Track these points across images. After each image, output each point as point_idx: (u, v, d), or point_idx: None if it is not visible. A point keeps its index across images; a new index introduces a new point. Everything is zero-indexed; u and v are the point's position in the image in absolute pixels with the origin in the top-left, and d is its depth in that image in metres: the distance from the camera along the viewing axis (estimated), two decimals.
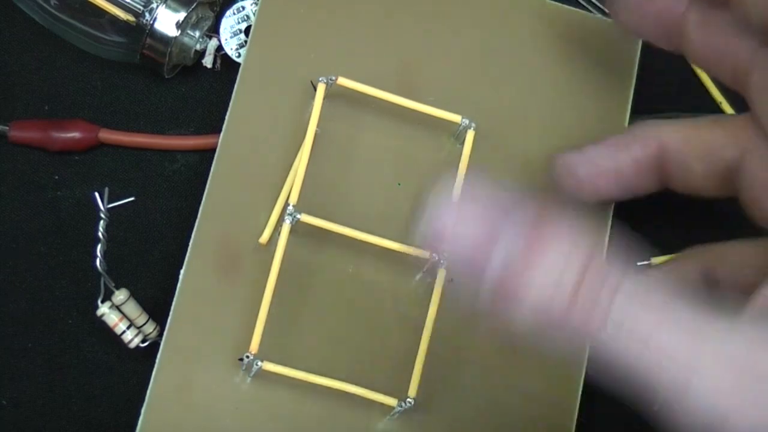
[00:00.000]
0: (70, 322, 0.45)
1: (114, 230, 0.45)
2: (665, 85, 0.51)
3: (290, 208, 0.42)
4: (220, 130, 0.44)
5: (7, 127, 0.47)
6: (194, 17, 0.46)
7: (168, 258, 0.46)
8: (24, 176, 0.47)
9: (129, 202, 0.45)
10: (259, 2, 0.46)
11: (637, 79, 0.47)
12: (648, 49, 0.48)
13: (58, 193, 0.47)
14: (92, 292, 0.44)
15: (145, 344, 0.44)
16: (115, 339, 0.43)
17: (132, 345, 0.43)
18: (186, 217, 0.45)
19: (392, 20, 0.47)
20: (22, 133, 0.47)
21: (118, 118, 0.48)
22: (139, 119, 0.48)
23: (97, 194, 0.42)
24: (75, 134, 0.47)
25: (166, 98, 0.48)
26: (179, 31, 0.46)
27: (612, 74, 0.47)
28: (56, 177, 0.47)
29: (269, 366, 0.41)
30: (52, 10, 0.46)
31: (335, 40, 0.46)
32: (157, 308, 0.44)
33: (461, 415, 0.43)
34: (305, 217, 0.42)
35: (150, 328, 0.44)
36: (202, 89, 0.49)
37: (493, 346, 0.44)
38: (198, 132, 0.48)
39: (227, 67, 0.48)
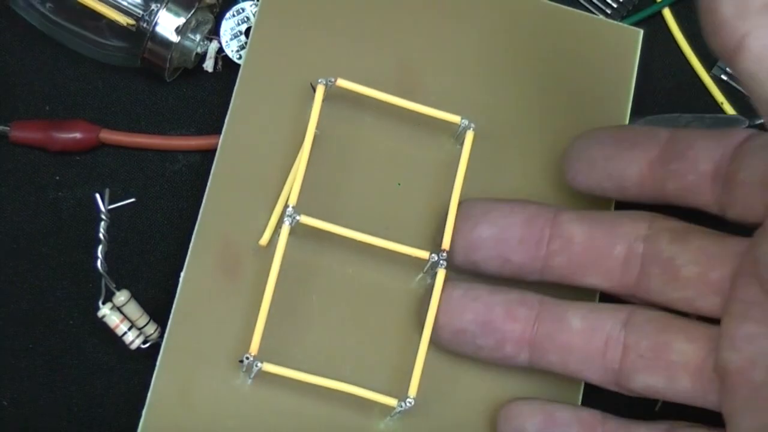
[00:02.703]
0: (71, 322, 0.45)
1: (115, 231, 0.45)
2: (665, 85, 0.51)
3: (289, 209, 0.42)
4: (221, 131, 0.44)
5: (8, 128, 0.47)
6: (194, 21, 0.46)
7: (169, 258, 0.46)
8: (25, 177, 0.47)
9: (130, 203, 0.45)
10: (259, 4, 0.46)
11: (637, 80, 0.47)
12: (648, 49, 0.48)
13: (59, 193, 0.47)
14: (93, 292, 0.44)
15: (146, 345, 0.44)
16: (116, 340, 0.44)
17: (133, 346, 0.43)
18: (187, 218, 0.45)
19: (391, 21, 0.47)
20: (22, 133, 0.47)
21: (119, 118, 0.48)
22: (140, 120, 0.48)
23: (98, 195, 0.42)
24: (76, 134, 0.47)
25: (167, 99, 0.48)
26: (180, 36, 0.46)
27: (612, 74, 0.47)
28: (57, 177, 0.47)
29: (269, 367, 0.41)
30: (50, 15, 0.46)
31: (334, 41, 0.46)
32: (158, 309, 0.44)
33: (461, 415, 0.43)
34: (305, 219, 0.42)
35: (151, 329, 0.44)
36: (203, 90, 0.49)
37: None
38: (199, 132, 0.48)
39: (228, 68, 0.48)
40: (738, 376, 0.37)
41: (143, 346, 0.44)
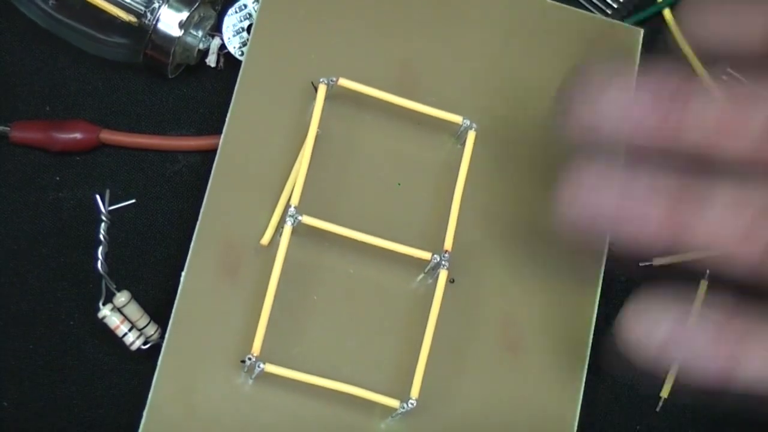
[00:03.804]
0: (71, 323, 0.45)
1: (115, 232, 0.45)
2: None
3: (291, 209, 0.42)
4: (221, 131, 0.44)
5: (9, 128, 0.46)
6: (196, 16, 0.46)
7: (169, 259, 0.46)
8: (25, 177, 0.47)
9: (130, 204, 0.45)
10: (260, 3, 0.46)
11: None
12: (648, 49, 0.48)
13: (60, 194, 0.47)
14: (94, 293, 0.44)
15: (147, 346, 0.44)
16: (117, 341, 0.43)
17: (134, 347, 0.43)
18: (187, 218, 0.45)
19: (393, 20, 0.47)
20: (23, 133, 0.47)
21: (119, 118, 0.48)
22: (140, 120, 0.48)
23: (98, 196, 0.42)
24: (76, 135, 0.47)
25: (167, 99, 0.48)
26: (182, 31, 0.46)
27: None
28: (57, 178, 0.47)
29: (271, 368, 0.41)
30: (52, 12, 0.46)
31: (336, 40, 0.46)
32: (159, 309, 0.44)
33: (463, 416, 0.43)
34: (306, 219, 0.42)
35: (151, 330, 0.44)
36: (204, 89, 0.49)
37: (495, 347, 0.44)
38: (200, 133, 0.48)
39: (230, 66, 0.48)
40: None
41: (144, 347, 0.44)
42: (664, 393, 0.45)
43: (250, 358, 0.40)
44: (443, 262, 0.42)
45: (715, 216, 0.37)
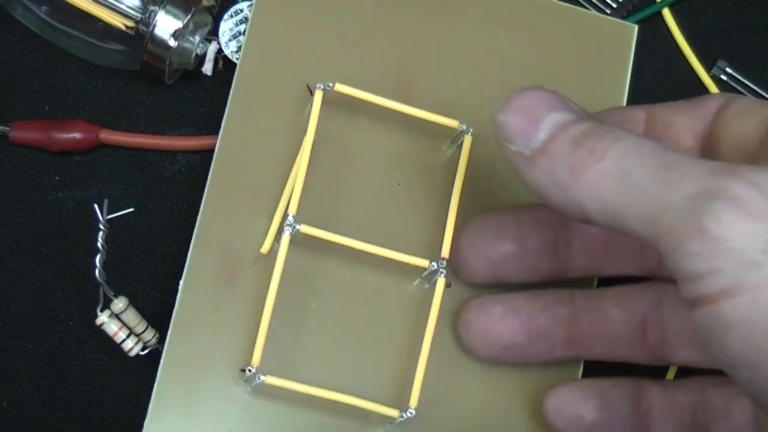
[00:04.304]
0: (71, 323, 0.46)
1: (115, 232, 0.45)
2: (665, 85, 0.51)
3: (289, 218, 0.42)
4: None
5: (8, 128, 0.47)
6: (192, 23, 0.46)
7: (169, 260, 0.46)
8: (25, 177, 0.47)
9: (128, 212, 0.45)
10: (253, 7, 0.46)
11: (636, 80, 0.47)
12: (648, 49, 0.48)
13: (59, 194, 0.47)
14: (93, 293, 0.44)
15: (145, 352, 0.44)
16: (116, 342, 0.44)
17: (132, 353, 0.43)
18: (187, 219, 0.45)
19: (389, 24, 0.47)
20: (22, 133, 0.47)
21: (119, 118, 0.48)
22: (140, 120, 0.48)
23: (96, 206, 0.43)
24: (76, 135, 0.47)
25: (167, 99, 0.48)
26: (179, 39, 0.45)
27: (607, 70, 0.47)
28: (57, 178, 0.47)
29: (272, 380, 0.41)
30: (48, 19, 0.46)
31: (330, 43, 0.46)
32: (158, 309, 0.45)
33: (463, 425, 0.43)
34: (305, 228, 0.42)
35: (149, 335, 0.44)
36: (203, 90, 0.49)
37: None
38: (199, 133, 0.48)
39: (229, 68, 0.48)
40: None
41: (142, 353, 0.44)
42: None
43: (250, 370, 0.40)
44: (441, 270, 0.42)
45: (611, 326, 0.41)
